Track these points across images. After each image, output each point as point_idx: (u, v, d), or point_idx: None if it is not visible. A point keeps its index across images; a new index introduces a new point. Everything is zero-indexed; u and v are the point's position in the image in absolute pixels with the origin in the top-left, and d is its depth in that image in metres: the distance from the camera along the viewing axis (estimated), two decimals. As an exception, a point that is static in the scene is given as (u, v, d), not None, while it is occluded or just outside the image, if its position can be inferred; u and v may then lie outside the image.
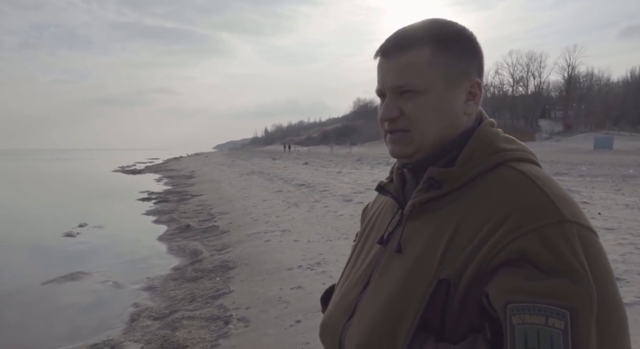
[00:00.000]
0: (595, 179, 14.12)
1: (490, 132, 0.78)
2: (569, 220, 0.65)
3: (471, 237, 0.68)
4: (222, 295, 4.56)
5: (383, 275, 0.77)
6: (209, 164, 36.17)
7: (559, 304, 0.60)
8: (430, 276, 0.69)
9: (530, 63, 72.32)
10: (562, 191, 0.70)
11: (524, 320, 0.60)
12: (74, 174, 33.16)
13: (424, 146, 0.77)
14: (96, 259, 6.89)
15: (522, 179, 0.70)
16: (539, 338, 0.59)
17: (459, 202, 0.73)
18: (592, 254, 0.64)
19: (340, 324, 0.80)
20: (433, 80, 0.75)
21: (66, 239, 8.56)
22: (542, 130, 60.54)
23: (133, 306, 4.70)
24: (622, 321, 0.64)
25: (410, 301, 0.70)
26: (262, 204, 10.57)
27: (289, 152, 65.69)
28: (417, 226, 0.76)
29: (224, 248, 6.69)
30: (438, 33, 0.77)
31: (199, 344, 3.49)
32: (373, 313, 0.74)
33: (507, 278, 0.63)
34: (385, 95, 0.79)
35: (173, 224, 9.48)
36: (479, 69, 0.79)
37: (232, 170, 25.21)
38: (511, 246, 0.64)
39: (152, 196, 14.93)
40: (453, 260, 0.68)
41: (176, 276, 5.68)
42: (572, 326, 0.59)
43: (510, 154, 0.75)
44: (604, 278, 0.63)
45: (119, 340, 3.78)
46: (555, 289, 0.61)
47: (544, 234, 0.63)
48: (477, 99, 0.80)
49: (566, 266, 0.62)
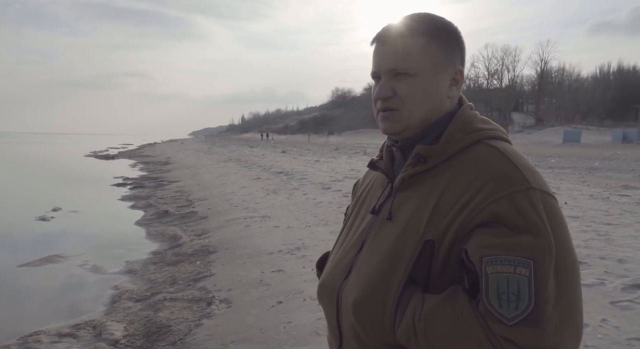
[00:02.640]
0: (563, 171, 14.69)
1: (470, 114, 0.91)
2: (534, 187, 0.78)
3: (453, 203, 0.80)
4: (204, 278, 4.63)
5: (375, 239, 0.88)
6: (185, 150, 35.70)
7: (525, 256, 0.73)
8: (417, 238, 0.81)
9: (505, 57, 73.72)
10: (528, 163, 0.84)
11: (496, 269, 0.73)
12: (44, 159, 32.15)
13: (411, 124, 0.89)
14: (72, 243, 6.83)
15: (496, 153, 0.83)
16: (508, 283, 0.73)
17: (442, 175, 0.85)
18: (553, 216, 0.78)
19: (337, 283, 0.91)
20: (424, 66, 0.87)
21: (40, 223, 8.42)
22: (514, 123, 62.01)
23: (113, 289, 4.73)
24: (575, 269, 0.78)
25: (400, 259, 0.82)
26: (240, 191, 10.60)
27: (267, 140, 65.31)
28: (405, 196, 0.88)
29: (204, 233, 6.73)
30: (431, 25, 0.89)
31: (183, 324, 3.57)
32: (367, 271, 0.86)
33: (483, 236, 0.76)
34: (380, 77, 0.90)
35: (150, 209, 9.42)
36: (461, 59, 0.92)
37: (209, 157, 24.99)
38: (486, 210, 0.77)
39: (127, 182, 14.73)
40: (437, 223, 0.80)
41: (156, 259, 5.71)
42: (535, 273, 0.73)
43: (486, 133, 0.88)
44: (561, 235, 0.77)
45: (101, 320, 3.82)
46: (522, 243, 0.74)
47: (514, 199, 0.76)
48: (459, 85, 0.92)
49: (531, 225, 0.75)
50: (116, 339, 3.44)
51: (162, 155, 29.95)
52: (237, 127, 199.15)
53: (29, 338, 3.56)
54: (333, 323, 0.92)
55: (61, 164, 26.72)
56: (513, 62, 73.57)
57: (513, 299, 0.72)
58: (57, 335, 3.61)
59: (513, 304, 0.72)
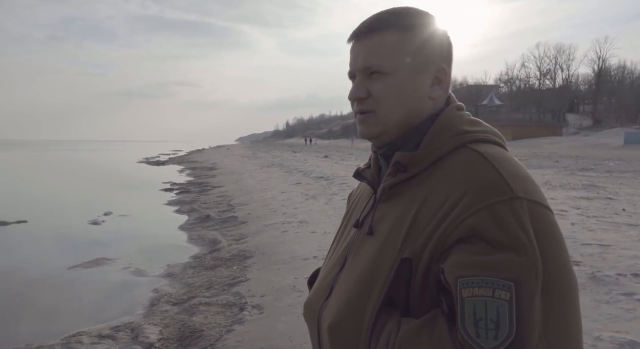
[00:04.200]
0: (623, 175, 13.71)
1: (454, 115, 0.81)
2: (520, 197, 0.68)
3: (431, 217, 0.71)
4: (239, 283, 4.67)
5: (356, 257, 0.81)
6: (231, 156, 36.60)
7: (505, 277, 0.63)
8: (394, 256, 0.73)
9: (559, 56, 70.25)
10: (517, 169, 0.73)
11: (473, 293, 0.64)
12: (101, 165, 34.07)
13: (389, 127, 0.81)
14: (119, 247, 7.11)
15: (479, 159, 0.73)
16: (486, 309, 0.63)
17: (424, 185, 0.76)
18: (542, 229, 0.67)
19: (319, 304, 0.84)
20: (399, 63, 0.78)
21: (92, 227, 8.86)
22: (570, 125, 58.93)
23: (153, 292, 4.86)
24: (570, 292, 0.67)
25: (376, 280, 0.74)
26: (281, 196, 10.68)
27: (310, 145, 65.82)
28: (387, 208, 0.80)
29: (242, 238, 6.82)
30: (407, 19, 0.80)
31: (215, 329, 3.59)
32: (345, 292, 0.78)
33: (460, 254, 0.67)
34: (356, 77, 0.82)
35: (194, 214, 9.68)
36: (446, 57, 0.82)
37: (253, 162, 25.46)
38: (464, 224, 0.67)
39: (174, 187, 15.25)
40: (415, 240, 0.72)
41: (195, 264, 5.83)
42: (516, 297, 0.62)
43: (472, 136, 0.78)
44: (552, 251, 0.66)
45: (139, 323, 3.92)
46: (502, 262, 0.64)
47: (495, 211, 0.66)
48: (444, 85, 0.82)
49: (514, 241, 0.65)
50: (151, 342, 3.51)
51: (209, 161, 30.84)
52: (282, 133, 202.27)
53: (72, 338, 3.72)
54: (315, 345, 0.86)
55: (116, 170, 28.14)
56: (567, 61, 70.04)
57: (492, 328, 0.62)
58: (98, 337, 3.74)
59: (492, 334, 0.62)
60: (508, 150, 0.82)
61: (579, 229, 5.67)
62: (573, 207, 7.38)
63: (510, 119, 57.16)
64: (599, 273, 3.96)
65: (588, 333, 2.86)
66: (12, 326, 4.18)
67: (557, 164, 17.54)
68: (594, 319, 3.07)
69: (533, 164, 17.96)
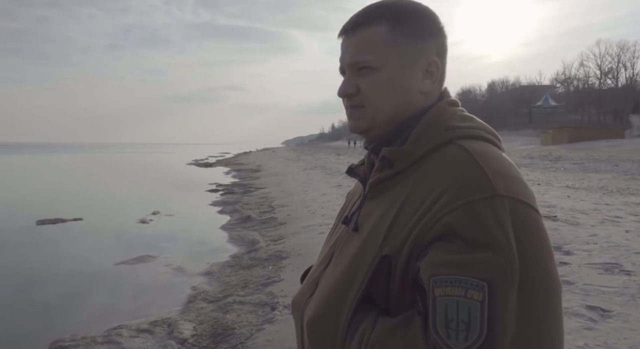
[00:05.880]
0: (690, 180, 12.64)
1: (444, 110, 0.78)
2: (502, 194, 0.65)
3: (412, 214, 0.69)
4: (273, 283, 4.72)
5: (341, 253, 0.80)
6: (276, 158, 37.18)
7: (478, 276, 0.60)
8: (374, 253, 0.71)
9: (622, 53, 65.73)
10: (503, 167, 0.69)
11: (445, 292, 0.62)
12: (153, 167, 35.69)
13: (377, 121, 0.79)
14: (164, 245, 7.40)
15: (463, 155, 0.70)
16: (458, 309, 0.61)
17: (409, 180, 0.74)
18: (523, 229, 0.63)
19: (303, 301, 0.84)
20: (387, 58, 0.76)
21: (140, 225, 9.28)
22: (633, 126, 55.11)
23: (191, 289, 5.02)
24: (550, 297, 0.63)
25: (356, 276, 0.73)
26: (321, 198, 10.71)
27: (354, 147, 65.62)
28: (373, 205, 0.79)
29: (280, 239, 6.89)
30: (395, 11, 0.78)
31: (246, 327, 3.65)
32: (326, 289, 0.78)
33: (436, 252, 0.65)
34: (346, 72, 0.81)
35: (235, 214, 9.91)
36: (438, 49, 0.79)
37: (297, 165, 25.72)
38: (442, 221, 0.65)
39: (219, 188, 15.69)
40: (395, 237, 0.70)
41: (233, 263, 5.96)
42: (489, 298, 0.59)
43: (460, 132, 0.75)
44: (532, 253, 0.63)
45: (175, 319, 4.05)
46: (477, 262, 0.61)
47: (473, 208, 0.64)
48: (436, 78, 0.79)
49: (490, 239, 0.62)
50: (185, 338, 3.62)
51: (254, 163, 31.50)
52: (326, 135, 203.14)
53: (112, 331, 3.90)
54: (299, 342, 0.86)
55: (166, 171, 29.37)
56: (631, 58, 65.52)
57: (463, 328, 0.60)
58: (137, 330, 3.90)
59: (462, 334, 0.60)
60: (502, 148, 0.79)
61: (634, 236, 5.28)
62: (630, 213, 6.89)
63: (566, 120, 54.33)
64: (653, 284, 3.66)
65: (635, 347, 2.66)
66: (61, 317, 4.45)
67: (616, 168, 16.44)
68: (642, 333, 2.85)
69: (589, 167, 16.95)
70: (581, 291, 3.63)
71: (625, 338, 2.80)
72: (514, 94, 69.50)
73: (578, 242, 5.15)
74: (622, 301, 3.39)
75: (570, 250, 4.78)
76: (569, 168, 16.89)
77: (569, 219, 6.46)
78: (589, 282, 3.81)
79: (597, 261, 4.40)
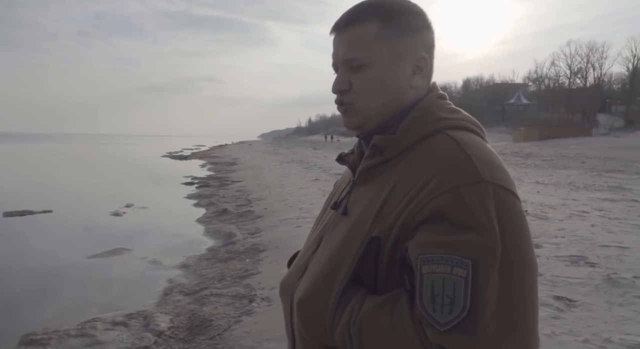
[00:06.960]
0: (652, 177, 13.22)
1: (433, 103, 0.82)
2: (486, 181, 0.70)
3: (401, 197, 0.73)
4: (250, 276, 4.72)
5: (331, 236, 0.83)
6: (252, 152, 36.92)
7: (463, 255, 0.65)
8: (364, 234, 0.75)
9: (591, 54, 67.79)
10: (487, 155, 0.74)
11: (432, 269, 0.66)
12: (126, 158, 34.87)
13: (369, 116, 0.83)
14: (138, 238, 7.29)
15: (451, 144, 0.75)
16: (443, 285, 0.65)
17: (398, 167, 0.78)
18: (506, 213, 0.68)
19: (292, 283, 0.87)
20: (378, 54, 0.80)
21: (113, 217, 9.09)
22: (600, 125, 57.03)
23: (167, 282, 4.97)
24: (528, 275, 0.68)
25: (345, 257, 0.76)
26: (298, 191, 10.73)
27: (331, 142, 65.77)
28: (363, 190, 0.82)
29: (257, 232, 6.89)
30: (386, 8, 0.81)
31: (223, 319, 3.65)
32: (315, 270, 0.81)
33: (424, 233, 0.69)
34: (339, 69, 0.84)
35: (212, 207, 9.82)
36: (426, 44, 0.83)
37: (274, 158, 25.63)
38: (430, 205, 0.70)
39: (194, 181, 15.49)
40: (384, 219, 0.74)
41: (209, 256, 5.93)
42: (473, 275, 0.64)
43: (448, 122, 0.79)
44: (512, 234, 0.68)
45: (151, 311, 4.01)
46: (462, 242, 0.66)
47: (460, 193, 0.68)
48: (425, 74, 0.83)
49: (475, 222, 0.66)
50: (161, 330, 3.60)
51: (230, 156, 31.20)
52: (304, 130, 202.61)
53: (86, 324, 3.83)
54: (288, 323, 0.89)
55: (140, 163, 28.76)
56: (600, 59, 67.64)
57: (447, 303, 0.65)
58: (111, 323, 3.84)
59: (447, 308, 0.65)
60: (486, 139, 0.83)
61: (599, 230, 5.52)
62: (595, 208, 7.18)
63: (537, 118, 55.74)
64: (615, 274, 3.85)
65: (598, 334, 2.80)
66: (31, 311, 4.34)
67: (583, 165, 17.05)
68: (604, 320, 3.00)
69: (558, 164, 17.52)
70: (549, 282, 3.78)
71: (589, 326, 2.94)
72: (487, 92, 70.85)
73: (547, 235, 5.35)
74: (587, 292, 3.56)
75: (539, 243, 4.96)
76: (539, 164, 17.41)
77: (539, 213, 6.69)
78: (557, 273, 3.98)
79: (565, 253, 4.59)
